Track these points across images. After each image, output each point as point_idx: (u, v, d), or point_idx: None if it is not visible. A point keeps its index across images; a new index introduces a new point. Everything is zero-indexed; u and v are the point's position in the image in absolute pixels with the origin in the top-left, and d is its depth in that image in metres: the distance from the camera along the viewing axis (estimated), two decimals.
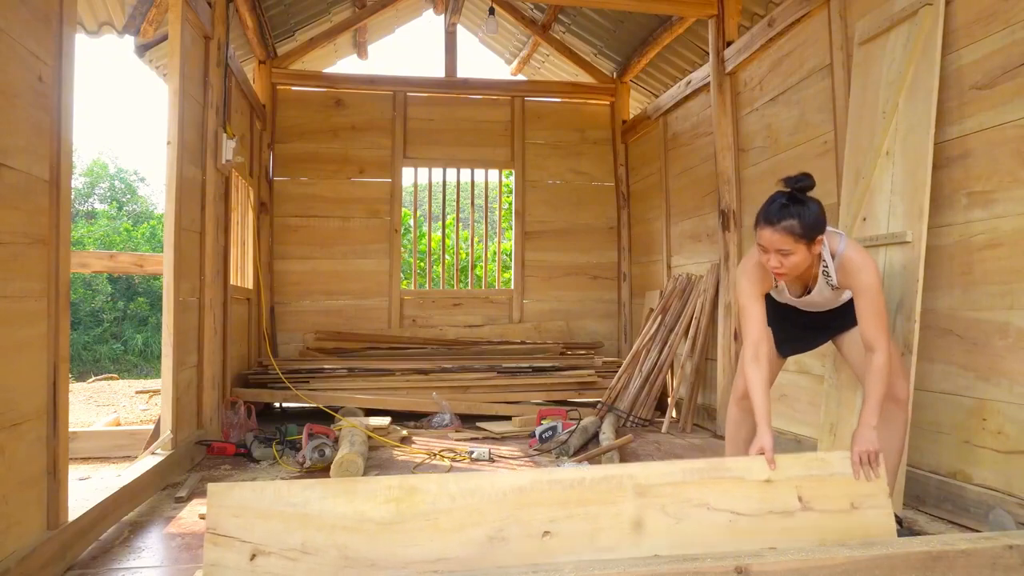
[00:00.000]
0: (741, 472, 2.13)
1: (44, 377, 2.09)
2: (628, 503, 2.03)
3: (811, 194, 2.28)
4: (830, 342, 2.71)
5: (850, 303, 2.42)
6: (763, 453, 2.11)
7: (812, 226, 2.22)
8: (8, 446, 1.89)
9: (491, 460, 3.80)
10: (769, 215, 2.25)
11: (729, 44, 4.59)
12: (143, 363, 18.04)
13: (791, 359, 3.91)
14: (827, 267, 2.33)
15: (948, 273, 2.77)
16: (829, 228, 2.32)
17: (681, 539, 2.03)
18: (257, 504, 1.92)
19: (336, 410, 4.74)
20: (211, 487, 1.91)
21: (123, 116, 50.67)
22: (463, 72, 6.70)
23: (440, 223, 9.89)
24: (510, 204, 7.26)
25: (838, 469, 2.16)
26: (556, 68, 7.26)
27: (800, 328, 2.64)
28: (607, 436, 4.07)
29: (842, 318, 2.49)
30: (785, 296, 2.52)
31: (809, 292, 2.42)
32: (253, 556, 1.86)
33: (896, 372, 2.42)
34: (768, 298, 2.57)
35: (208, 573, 1.85)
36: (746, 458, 2.17)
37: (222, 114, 4.04)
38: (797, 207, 2.22)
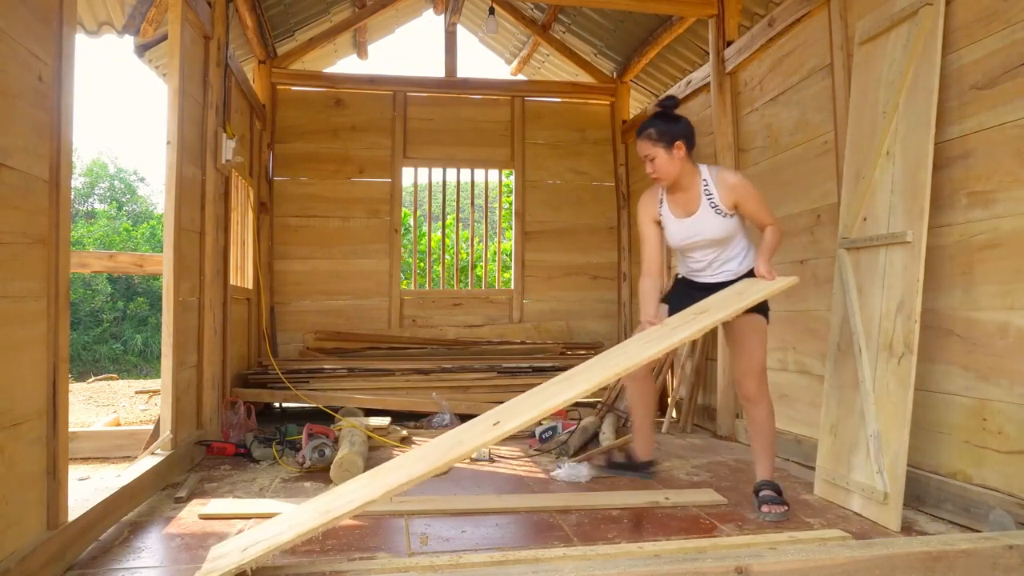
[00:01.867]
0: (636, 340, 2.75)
1: (44, 377, 2.09)
2: (556, 385, 2.51)
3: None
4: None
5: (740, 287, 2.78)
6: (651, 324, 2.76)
7: (668, 132, 2.74)
8: (8, 446, 1.89)
9: (491, 460, 3.80)
10: (638, 129, 2.82)
11: (729, 44, 4.59)
12: (143, 363, 18.06)
13: (792, 359, 3.93)
14: (707, 184, 2.80)
15: (948, 273, 2.77)
16: (706, 164, 2.87)
17: (607, 364, 2.49)
18: (250, 533, 2.24)
19: (336, 410, 4.74)
20: (213, 550, 2.17)
21: (123, 116, 50.75)
22: (463, 72, 6.70)
23: (440, 223, 9.89)
24: (510, 204, 7.26)
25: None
26: (556, 68, 7.26)
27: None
28: (607, 436, 4.07)
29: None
30: (673, 222, 2.88)
31: (693, 216, 2.82)
32: (245, 549, 2.04)
33: (746, 375, 2.83)
34: (676, 285, 3.05)
35: (206, 571, 1.96)
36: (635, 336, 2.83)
37: (222, 114, 4.04)
38: (657, 120, 2.78)
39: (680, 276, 3.07)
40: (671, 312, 2.91)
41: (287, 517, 2.27)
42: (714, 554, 1.98)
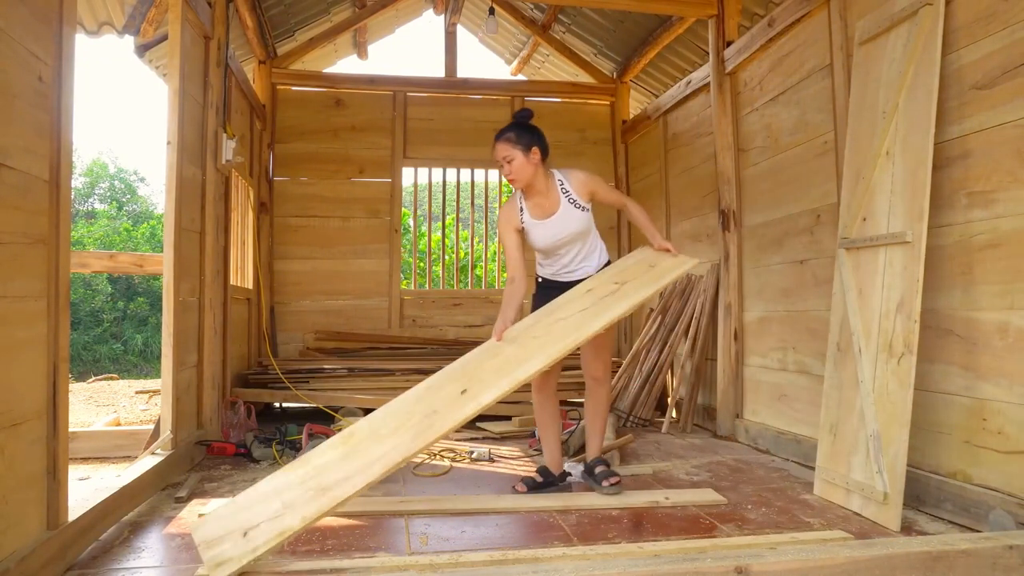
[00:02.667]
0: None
1: (44, 377, 2.09)
2: (510, 347, 2.79)
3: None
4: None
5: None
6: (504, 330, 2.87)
7: (523, 138, 2.95)
8: (8, 446, 1.89)
9: (491, 460, 3.80)
10: (496, 135, 3.01)
11: (729, 44, 4.59)
12: (143, 363, 18.07)
13: (792, 359, 3.93)
14: (563, 183, 3.02)
15: (948, 273, 2.77)
16: (556, 169, 3.08)
17: (555, 337, 2.70)
18: (234, 508, 2.19)
19: (336, 410, 4.74)
20: (192, 525, 2.15)
21: (123, 116, 50.79)
22: (463, 72, 6.70)
23: (440, 223, 9.89)
24: None
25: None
26: (556, 68, 7.26)
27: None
28: (607, 436, 4.06)
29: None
30: (536, 225, 3.04)
31: (555, 215, 3.02)
32: (245, 533, 2.04)
33: (595, 356, 3.08)
34: (539, 289, 3.21)
35: (211, 563, 1.96)
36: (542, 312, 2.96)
37: (222, 114, 4.04)
38: (513, 127, 3.00)
39: (541, 280, 3.23)
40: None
41: (274, 493, 2.20)
42: (714, 554, 1.98)
